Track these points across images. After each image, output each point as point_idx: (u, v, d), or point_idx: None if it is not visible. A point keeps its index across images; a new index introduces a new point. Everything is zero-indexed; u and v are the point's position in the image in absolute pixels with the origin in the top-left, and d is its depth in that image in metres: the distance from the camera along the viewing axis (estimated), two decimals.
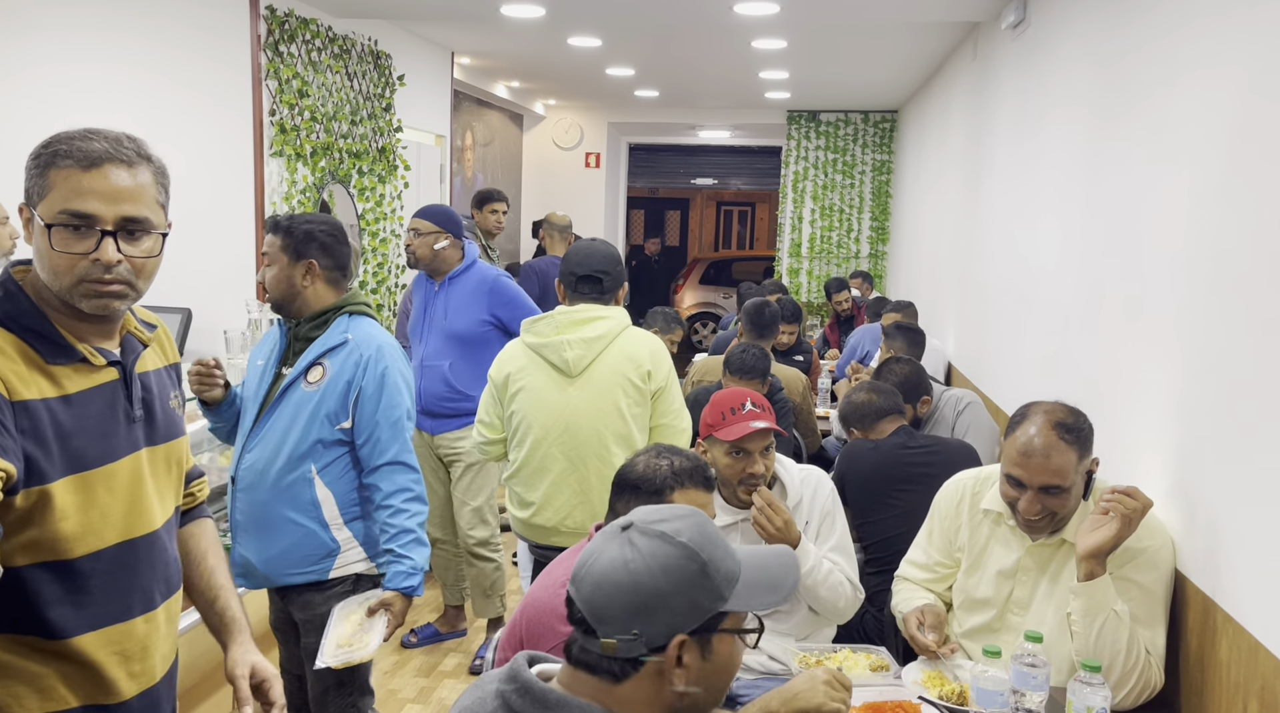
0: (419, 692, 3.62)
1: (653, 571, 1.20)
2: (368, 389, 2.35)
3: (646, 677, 1.20)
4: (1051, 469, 2.02)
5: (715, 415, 2.40)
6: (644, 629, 1.19)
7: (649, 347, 2.77)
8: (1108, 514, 1.98)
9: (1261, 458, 1.78)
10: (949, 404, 3.67)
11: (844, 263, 9.27)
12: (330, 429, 2.34)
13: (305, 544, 2.36)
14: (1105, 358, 2.67)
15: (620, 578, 1.20)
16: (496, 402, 2.82)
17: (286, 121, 4.56)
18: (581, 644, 1.23)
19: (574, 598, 1.23)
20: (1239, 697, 1.80)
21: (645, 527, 1.25)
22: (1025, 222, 3.78)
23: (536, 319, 2.79)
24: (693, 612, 1.20)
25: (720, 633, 1.23)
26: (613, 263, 2.78)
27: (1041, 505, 2.05)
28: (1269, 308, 1.78)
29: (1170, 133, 2.32)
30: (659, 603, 1.19)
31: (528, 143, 9.94)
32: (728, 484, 2.40)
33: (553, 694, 1.22)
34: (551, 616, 1.89)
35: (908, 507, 2.76)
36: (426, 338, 3.73)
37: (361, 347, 2.37)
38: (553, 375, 2.72)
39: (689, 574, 1.21)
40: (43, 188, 1.38)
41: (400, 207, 5.77)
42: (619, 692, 1.21)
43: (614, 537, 1.26)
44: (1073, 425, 2.05)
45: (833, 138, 9.20)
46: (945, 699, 2.02)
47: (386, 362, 2.38)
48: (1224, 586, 1.90)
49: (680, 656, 1.20)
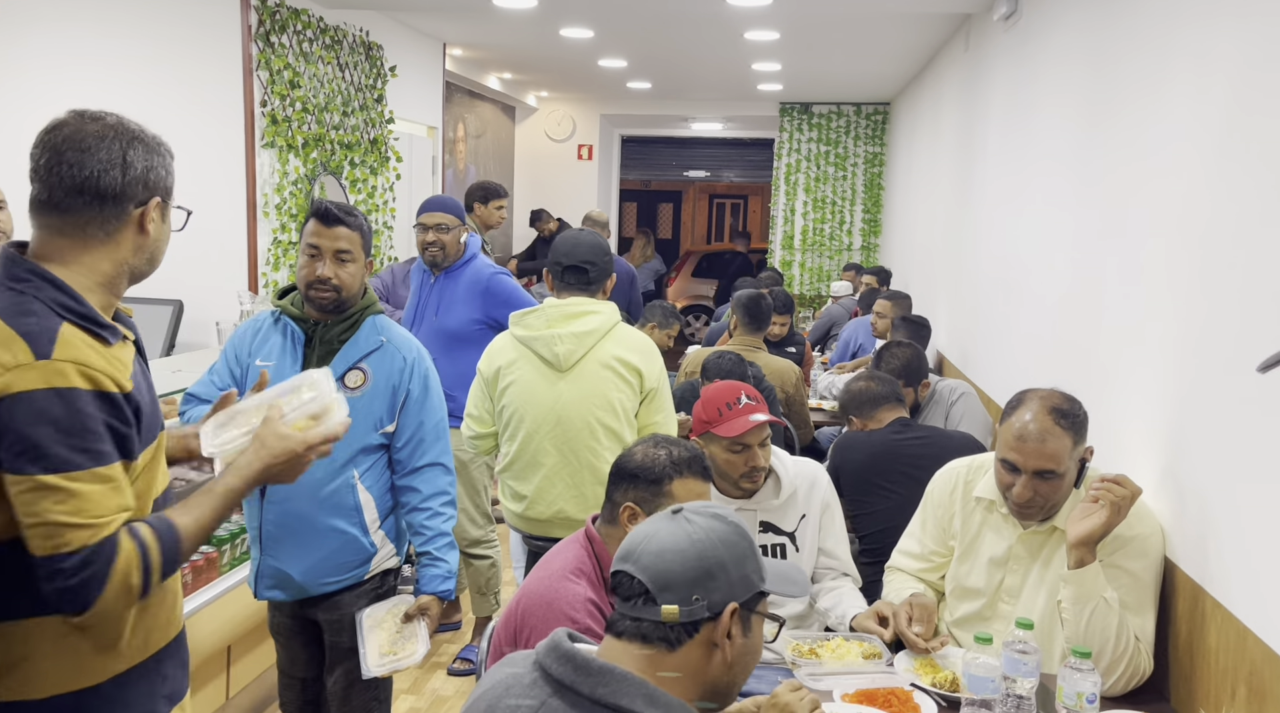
0: (412, 683, 3.62)
1: (713, 542, 1.29)
2: (414, 392, 2.34)
3: (698, 645, 1.27)
4: (1046, 454, 2.03)
5: (711, 412, 2.39)
6: (705, 595, 1.26)
7: (640, 342, 2.77)
8: (1097, 502, 1.99)
9: (1250, 445, 1.79)
10: (944, 394, 3.69)
11: (836, 255, 9.29)
12: (374, 434, 2.32)
13: (345, 551, 2.33)
14: (1095, 347, 2.69)
15: (685, 548, 1.29)
16: (486, 396, 2.81)
17: (278, 112, 4.55)
18: (634, 616, 1.28)
19: (631, 572, 1.29)
20: (1227, 682, 1.82)
21: (697, 508, 1.35)
22: (1017, 212, 3.79)
23: (526, 312, 2.77)
24: (744, 584, 1.30)
25: (757, 614, 1.33)
26: (599, 254, 2.77)
27: (1035, 491, 2.06)
28: (1258, 297, 1.79)
29: (1161, 122, 2.33)
30: (720, 571, 1.28)
31: (520, 135, 9.92)
32: (726, 477, 2.41)
33: (596, 663, 1.26)
34: (548, 609, 1.89)
35: (903, 497, 2.77)
36: (415, 332, 3.71)
37: (402, 349, 2.35)
38: (543, 369, 2.71)
39: (742, 549, 1.31)
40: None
41: (392, 198, 5.76)
42: (669, 661, 1.27)
43: (667, 519, 1.34)
44: (1068, 411, 2.06)
45: (825, 130, 9.20)
46: (937, 686, 2.03)
47: (427, 364, 2.39)
48: (1213, 572, 1.92)
49: (730, 626, 1.27)
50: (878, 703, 1.94)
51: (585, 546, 2.01)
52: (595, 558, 1.98)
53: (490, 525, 3.77)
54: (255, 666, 3.20)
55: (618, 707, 1.21)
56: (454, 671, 3.70)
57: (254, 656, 3.18)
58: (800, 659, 2.15)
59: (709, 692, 1.29)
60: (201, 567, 2.89)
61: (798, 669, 2.12)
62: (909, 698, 1.97)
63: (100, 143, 1.43)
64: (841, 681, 2.05)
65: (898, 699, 1.96)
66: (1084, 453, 2.09)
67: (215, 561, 2.96)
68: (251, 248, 4.42)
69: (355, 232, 2.30)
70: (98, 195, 1.42)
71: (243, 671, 3.13)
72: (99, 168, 1.42)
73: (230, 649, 3.03)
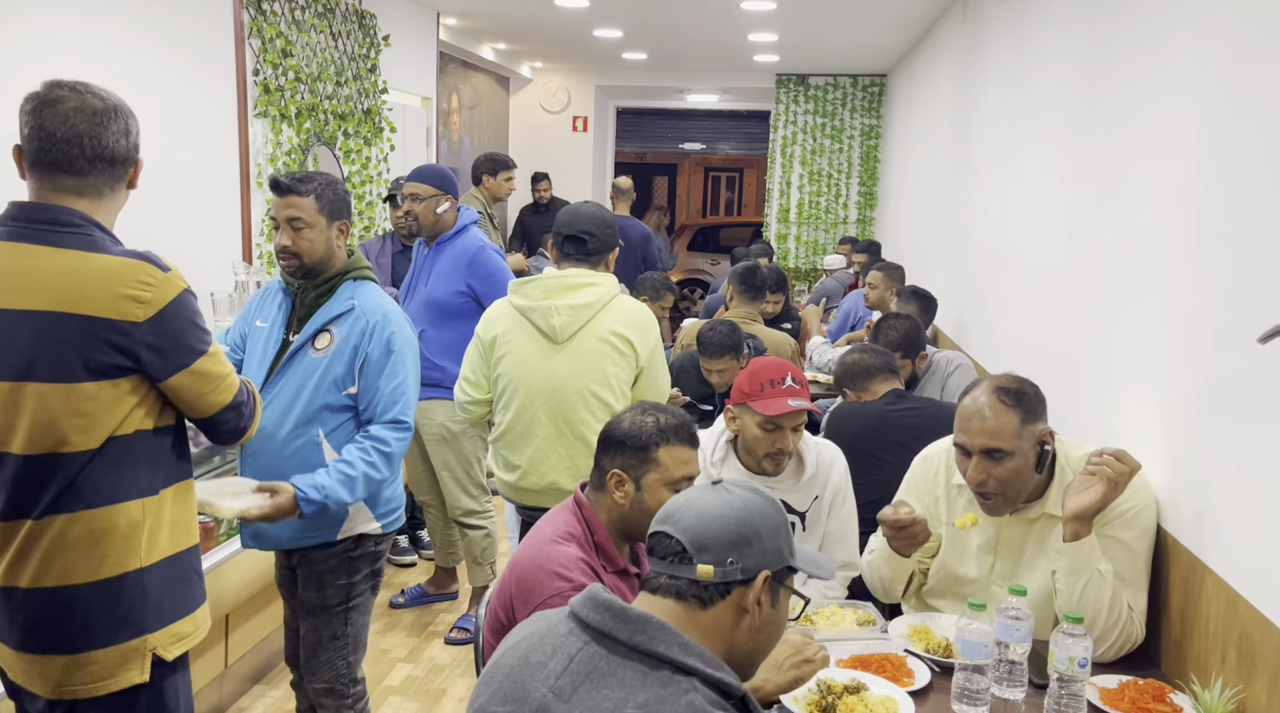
0: (410, 651, 3.65)
1: (750, 511, 1.35)
2: (373, 356, 2.37)
3: (729, 607, 1.33)
4: (989, 430, 2.03)
5: (753, 385, 2.35)
6: (739, 559, 1.32)
7: (637, 316, 2.76)
8: (1094, 476, 2.00)
9: (1248, 414, 1.80)
10: (940, 366, 3.70)
11: (832, 228, 9.26)
12: (337, 394, 2.36)
13: (319, 510, 2.36)
14: (1092, 319, 2.69)
15: (725, 513, 1.34)
16: (483, 360, 2.80)
17: (271, 82, 4.50)
18: (670, 574, 1.34)
19: (670, 533, 1.35)
20: (1217, 647, 1.84)
21: (737, 481, 1.42)
22: (1013, 184, 3.78)
23: (525, 281, 2.76)
24: (776, 555, 1.36)
25: (784, 588, 1.38)
26: (600, 226, 2.76)
27: (986, 473, 2.05)
28: (1256, 267, 1.79)
29: (1159, 92, 2.32)
30: (755, 538, 1.34)
31: (514, 106, 9.84)
32: (751, 452, 2.40)
33: (634, 612, 1.30)
34: (540, 572, 1.91)
35: (895, 467, 2.78)
36: (408, 301, 3.70)
37: (368, 313, 2.38)
38: (539, 340, 2.71)
39: (777, 523, 1.37)
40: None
41: (386, 169, 5.72)
42: (701, 618, 1.32)
43: (706, 489, 1.40)
44: (1014, 390, 2.06)
45: (821, 102, 9.15)
46: (931, 652, 2.05)
47: (392, 328, 2.39)
48: (1207, 539, 1.94)
49: (760, 594, 1.33)
50: (872, 669, 1.96)
51: (574, 511, 2.02)
52: (585, 522, 2.00)
53: (485, 496, 3.77)
54: (253, 634, 3.22)
55: (654, 653, 1.26)
56: (451, 639, 3.73)
57: (251, 624, 3.20)
58: (795, 625, 2.17)
59: (732, 656, 1.33)
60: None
61: None
62: (903, 663, 1.99)
63: (109, 117, 1.72)
64: (836, 647, 2.06)
65: (891, 665, 1.98)
66: (1042, 435, 2.07)
67: (212, 530, 2.97)
68: (245, 218, 4.39)
69: (307, 197, 2.35)
70: (112, 161, 1.73)
71: (241, 639, 3.15)
72: (113, 138, 1.73)
73: (228, 618, 3.05)
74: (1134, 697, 1.86)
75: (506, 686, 1.31)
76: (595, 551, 1.98)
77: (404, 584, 4.19)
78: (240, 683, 3.23)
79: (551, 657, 1.29)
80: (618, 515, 1.99)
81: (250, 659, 3.27)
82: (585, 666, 1.27)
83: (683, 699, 1.22)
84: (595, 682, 1.25)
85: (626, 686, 1.23)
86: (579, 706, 1.23)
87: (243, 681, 3.25)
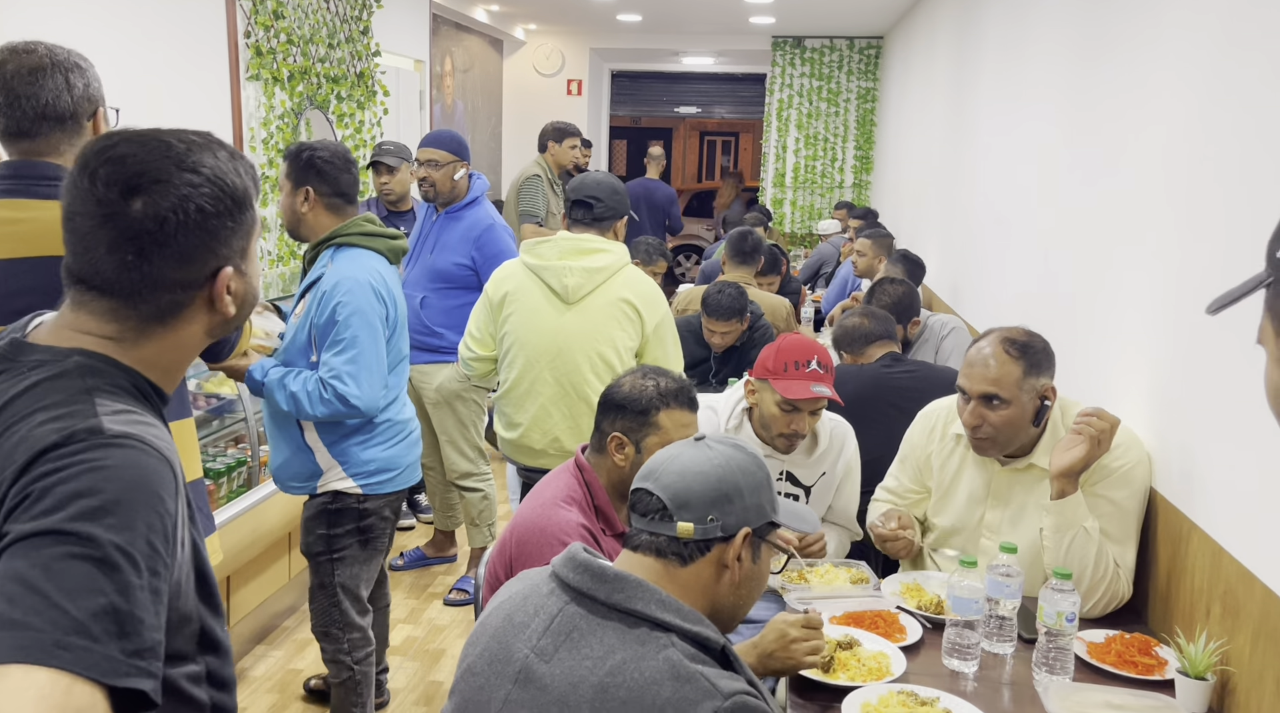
0: (409, 612, 3.70)
1: (732, 468, 1.35)
2: (320, 322, 2.44)
3: (709, 564, 1.33)
4: (990, 378, 2.07)
5: (778, 363, 2.34)
6: (720, 517, 1.33)
7: (646, 287, 2.80)
8: (1080, 435, 2.03)
9: (1234, 373, 1.82)
10: (935, 329, 3.71)
11: (828, 193, 9.23)
12: (305, 361, 2.48)
13: (295, 462, 2.55)
14: (1086, 281, 2.71)
15: (706, 470, 1.34)
16: (490, 318, 2.82)
17: (262, 44, 4.46)
18: (651, 531, 1.35)
19: (651, 490, 1.36)
20: (1202, 601, 1.88)
21: (720, 438, 1.41)
22: (1009, 147, 3.78)
23: (539, 242, 2.78)
24: (757, 512, 1.36)
25: (767, 543, 1.39)
26: (608, 192, 2.78)
27: (982, 418, 2.09)
28: (1248, 230, 1.80)
29: (1155, 53, 2.31)
30: (736, 495, 1.34)
31: (508, 69, 9.75)
32: (766, 428, 2.40)
33: (612, 570, 1.31)
34: (542, 535, 1.93)
35: (890, 428, 2.81)
36: (411, 267, 3.70)
37: (327, 281, 2.44)
38: (549, 299, 2.72)
39: (759, 479, 1.37)
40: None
41: (380, 133, 5.68)
42: (680, 575, 1.33)
43: (689, 445, 1.40)
44: (1021, 343, 2.10)
45: (818, 65, 9.08)
46: (922, 609, 2.09)
47: (338, 298, 2.40)
48: (1194, 497, 1.97)
49: (741, 551, 1.33)
50: (865, 625, 2.00)
51: (575, 474, 2.04)
52: (585, 485, 2.02)
53: (482, 460, 3.81)
54: (254, 596, 3.26)
55: (633, 611, 1.26)
56: (450, 601, 3.77)
57: (252, 587, 3.24)
58: (790, 584, 2.21)
59: (714, 611, 1.34)
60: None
61: (787, 594, 2.18)
62: (895, 620, 2.03)
63: (43, 74, 1.68)
64: (829, 604, 2.10)
65: (884, 621, 2.02)
66: (1044, 390, 2.11)
67: (213, 493, 3.00)
68: None
69: (284, 163, 2.53)
70: (58, 118, 1.70)
71: (242, 600, 3.19)
72: (50, 94, 1.69)
73: (230, 580, 3.09)
74: (1120, 650, 1.90)
75: (492, 646, 1.33)
76: (595, 514, 2.01)
77: (403, 547, 4.23)
78: (243, 644, 3.28)
79: (534, 617, 1.31)
80: (618, 478, 2.02)
81: (252, 621, 3.31)
82: (565, 625, 1.28)
83: (660, 655, 1.22)
84: (575, 642, 1.26)
85: (605, 644, 1.24)
86: (559, 665, 1.25)
87: (245, 641, 3.30)
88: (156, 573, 0.94)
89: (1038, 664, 1.85)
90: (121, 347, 1.08)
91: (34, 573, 0.87)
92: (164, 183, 1.05)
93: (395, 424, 2.58)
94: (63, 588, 0.87)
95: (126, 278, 1.05)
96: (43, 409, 0.99)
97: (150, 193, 1.04)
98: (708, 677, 1.21)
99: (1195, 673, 1.74)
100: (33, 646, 0.84)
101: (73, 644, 0.85)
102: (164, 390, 1.13)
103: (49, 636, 0.85)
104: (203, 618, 1.13)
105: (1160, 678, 1.83)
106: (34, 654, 0.84)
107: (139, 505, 0.94)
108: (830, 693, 1.76)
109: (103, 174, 1.04)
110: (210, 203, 1.07)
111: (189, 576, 1.08)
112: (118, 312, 1.07)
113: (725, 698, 1.19)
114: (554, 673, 1.25)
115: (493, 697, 1.29)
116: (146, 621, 0.91)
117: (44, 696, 0.82)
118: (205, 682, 1.16)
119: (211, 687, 1.18)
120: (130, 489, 0.95)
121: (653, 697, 1.19)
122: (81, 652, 0.85)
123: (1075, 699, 1.69)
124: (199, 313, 1.11)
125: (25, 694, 0.82)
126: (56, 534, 0.89)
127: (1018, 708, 1.78)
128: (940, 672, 1.87)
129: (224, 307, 1.12)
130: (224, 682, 1.21)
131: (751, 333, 3.96)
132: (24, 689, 0.82)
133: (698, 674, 1.21)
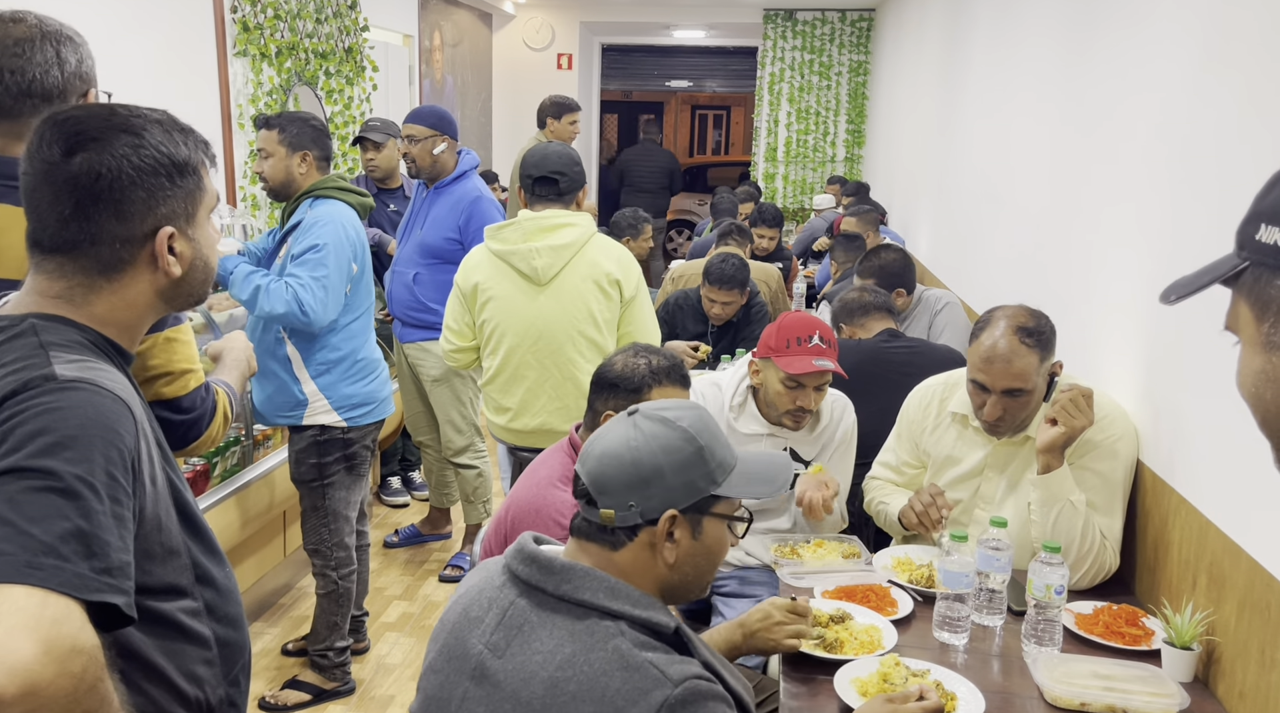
0: (405, 589, 3.72)
1: (653, 450, 1.29)
2: (296, 254, 2.70)
3: (640, 547, 1.29)
4: (1014, 373, 2.07)
5: (780, 341, 2.35)
6: (640, 502, 1.28)
7: (617, 255, 2.77)
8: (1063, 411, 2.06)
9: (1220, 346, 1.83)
10: (929, 302, 3.72)
11: (820, 167, 9.21)
12: None
13: (281, 394, 2.79)
14: (1076, 258, 2.72)
15: (622, 454, 1.29)
16: (466, 310, 2.81)
17: (250, 19, 4.41)
18: (584, 516, 1.32)
19: (579, 473, 1.33)
20: (1189, 573, 1.91)
21: (650, 412, 1.34)
22: (1000, 123, 3.77)
23: (502, 226, 2.76)
24: (686, 491, 1.29)
25: (711, 516, 1.32)
26: (569, 164, 2.75)
27: (1005, 409, 2.11)
28: (1235, 205, 1.81)
29: (1147, 27, 2.31)
30: (656, 478, 1.28)
31: (497, 44, 9.66)
32: (772, 407, 2.40)
33: (558, 562, 1.29)
34: (539, 516, 1.94)
35: (887, 403, 2.82)
36: (403, 243, 3.69)
37: (306, 222, 2.72)
38: (521, 284, 2.71)
39: (686, 456, 1.29)
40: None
41: (369, 109, 5.64)
42: (617, 559, 1.30)
43: (621, 421, 1.35)
44: (1034, 329, 2.09)
45: (809, 38, 9.02)
46: (913, 583, 2.12)
47: (316, 231, 2.68)
48: (1180, 471, 1.99)
49: (671, 530, 1.29)
50: (856, 599, 2.03)
51: (569, 454, 2.05)
52: None
53: (477, 436, 3.82)
54: (250, 573, 3.27)
55: (581, 601, 1.25)
56: (445, 577, 3.80)
57: (249, 563, 3.25)
58: (782, 559, 2.23)
59: (664, 590, 1.32)
60: (193, 479, 2.93)
61: (780, 569, 2.20)
62: (886, 594, 2.06)
63: (31, 45, 1.49)
64: (822, 579, 2.13)
65: (875, 595, 2.04)
66: (1053, 367, 2.13)
67: (208, 472, 3.00)
68: (228, 160, 4.34)
69: (267, 130, 2.77)
70: (45, 96, 1.51)
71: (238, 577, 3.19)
72: (39, 69, 1.50)
73: None
74: (1108, 621, 1.93)
75: (450, 642, 1.32)
76: None
77: (397, 524, 4.25)
78: None
79: (487, 611, 1.30)
80: None
81: (247, 599, 3.33)
82: (517, 619, 1.26)
83: (609, 645, 1.21)
84: (526, 636, 1.24)
85: (555, 638, 1.23)
86: (512, 661, 1.23)
87: None
88: (119, 500, 1.01)
89: (1027, 636, 1.87)
90: (73, 305, 1.14)
91: (1, 507, 0.94)
92: (102, 141, 1.11)
93: (370, 361, 2.88)
94: (28, 516, 0.94)
95: (67, 231, 1.11)
96: (1, 366, 1.05)
97: (88, 149, 1.11)
98: (657, 664, 1.19)
99: (1181, 643, 1.77)
100: (5, 567, 0.91)
101: (44, 564, 0.92)
102: (124, 347, 1.18)
103: (20, 558, 0.92)
104: (192, 552, 1.19)
105: (1147, 648, 1.86)
106: (7, 574, 0.91)
107: (95, 440, 1.00)
108: (823, 666, 1.78)
109: (48, 135, 1.11)
110: (148, 162, 1.13)
111: (169, 511, 1.15)
112: (64, 267, 1.14)
113: (675, 685, 1.18)
114: (506, 669, 1.24)
115: (452, 694, 1.28)
116: (112, 543, 0.98)
117: (20, 607, 0.89)
118: (206, 616, 1.21)
119: (214, 621, 1.23)
120: (85, 426, 1.01)
121: (603, 688, 1.18)
122: (53, 570, 0.92)
123: (1063, 670, 1.72)
124: (143, 271, 1.17)
125: (1, 608, 0.89)
126: (18, 471, 0.96)
127: (1007, 680, 1.80)
128: (931, 644, 1.90)
129: (166, 265, 1.17)
130: (226, 618, 1.26)
131: (748, 310, 3.96)
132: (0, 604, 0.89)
133: (646, 663, 1.19)
